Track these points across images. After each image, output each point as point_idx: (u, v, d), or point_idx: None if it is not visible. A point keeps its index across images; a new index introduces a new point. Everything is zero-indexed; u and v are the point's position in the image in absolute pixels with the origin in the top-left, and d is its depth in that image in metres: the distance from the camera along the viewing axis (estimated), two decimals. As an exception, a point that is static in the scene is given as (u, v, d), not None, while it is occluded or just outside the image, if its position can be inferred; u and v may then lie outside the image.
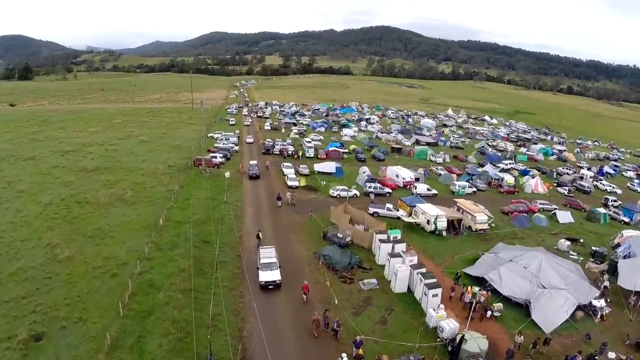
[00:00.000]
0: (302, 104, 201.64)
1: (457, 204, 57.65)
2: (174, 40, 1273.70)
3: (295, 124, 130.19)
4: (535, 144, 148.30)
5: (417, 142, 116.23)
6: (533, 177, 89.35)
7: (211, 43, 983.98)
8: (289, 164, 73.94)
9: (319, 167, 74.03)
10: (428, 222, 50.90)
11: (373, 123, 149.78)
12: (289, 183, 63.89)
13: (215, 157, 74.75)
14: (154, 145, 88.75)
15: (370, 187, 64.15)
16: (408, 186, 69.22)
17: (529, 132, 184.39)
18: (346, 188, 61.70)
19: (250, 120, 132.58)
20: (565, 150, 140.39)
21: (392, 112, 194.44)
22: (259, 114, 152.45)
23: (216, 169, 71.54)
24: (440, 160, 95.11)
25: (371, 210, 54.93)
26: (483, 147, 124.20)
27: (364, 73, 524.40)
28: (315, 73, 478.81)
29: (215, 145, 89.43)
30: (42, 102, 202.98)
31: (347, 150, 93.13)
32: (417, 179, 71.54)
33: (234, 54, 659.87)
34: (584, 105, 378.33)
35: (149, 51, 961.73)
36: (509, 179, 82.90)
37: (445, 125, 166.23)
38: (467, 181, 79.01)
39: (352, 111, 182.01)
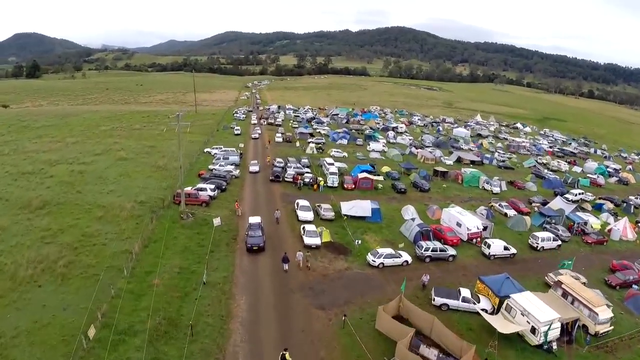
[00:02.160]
0: (318, 108, 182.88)
1: (562, 285, 37.48)
2: (189, 40, 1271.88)
3: (312, 135, 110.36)
4: (584, 159, 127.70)
5: (459, 160, 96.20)
6: (614, 215, 69.34)
7: (226, 42, 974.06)
8: (306, 203, 52.83)
9: (348, 208, 52.43)
10: (533, 330, 31.03)
11: (402, 133, 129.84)
12: (307, 241, 43.20)
13: (205, 189, 54.61)
14: (133, 166, 69.73)
15: (426, 249, 43.36)
16: (474, 240, 49.16)
17: (570, 144, 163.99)
18: (393, 252, 41.52)
19: (260, 131, 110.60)
20: (620, 169, 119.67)
21: (418, 119, 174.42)
22: (269, 121, 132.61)
23: (204, 207, 51.87)
24: (497, 189, 74.56)
25: (438, 300, 34.64)
26: (535, 166, 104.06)
27: (381, 74, 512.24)
28: (330, 74, 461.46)
29: (210, 167, 70.06)
30: (42, 103, 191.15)
31: (381, 178, 72.22)
32: (484, 228, 51.08)
33: (248, 54, 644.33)
34: (611, 111, 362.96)
35: (163, 50, 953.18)
36: (594, 222, 62.56)
37: (480, 136, 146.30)
38: (541, 225, 59.05)
39: (375, 117, 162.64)
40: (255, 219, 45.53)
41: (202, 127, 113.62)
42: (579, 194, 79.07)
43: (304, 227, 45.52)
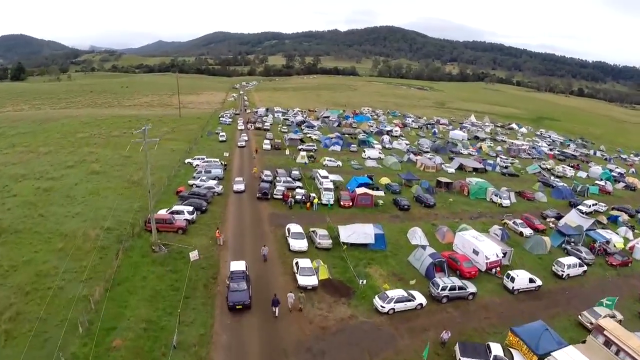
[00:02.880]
0: (308, 110, 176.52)
1: (605, 332, 31.50)
2: (177, 40, 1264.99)
3: (302, 141, 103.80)
4: (587, 163, 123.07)
5: (461, 168, 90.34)
6: (631, 229, 64.17)
7: (214, 43, 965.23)
8: (299, 229, 45.69)
9: (347, 235, 44.96)
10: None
11: (397, 137, 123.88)
12: (302, 281, 35.95)
13: (182, 212, 47.61)
14: (105, 180, 62.64)
15: (443, 288, 36.40)
16: (494, 269, 43.10)
17: (568, 145, 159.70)
18: (404, 294, 34.67)
19: (246, 138, 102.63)
20: (625, 173, 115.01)
21: (412, 120, 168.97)
22: (257, 125, 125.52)
23: (180, 234, 44.89)
24: (506, 202, 68.63)
25: (464, 361, 28.23)
26: (540, 172, 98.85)
27: (371, 74, 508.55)
28: (319, 74, 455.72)
29: (190, 182, 63.06)
30: (23, 107, 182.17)
31: (381, 192, 65.26)
32: (504, 254, 44.90)
33: (237, 54, 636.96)
34: (602, 109, 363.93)
35: (151, 51, 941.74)
36: (616, 240, 56.96)
37: (477, 138, 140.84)
38: (561, 246, 53.22)
39: (368, 120, 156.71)
40: (238, 265, 35.90)
41: (185, 133, 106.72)
42: (593, 205, 73.48)
43: (297, 263, 38.42)
